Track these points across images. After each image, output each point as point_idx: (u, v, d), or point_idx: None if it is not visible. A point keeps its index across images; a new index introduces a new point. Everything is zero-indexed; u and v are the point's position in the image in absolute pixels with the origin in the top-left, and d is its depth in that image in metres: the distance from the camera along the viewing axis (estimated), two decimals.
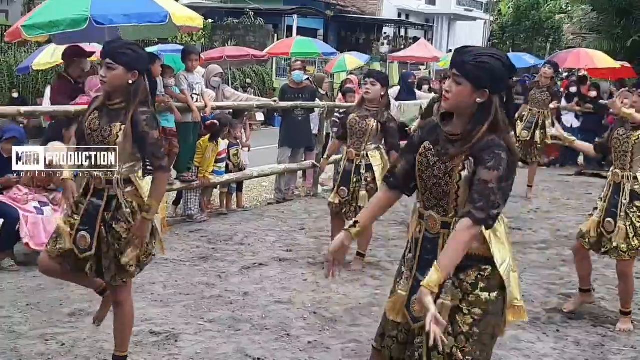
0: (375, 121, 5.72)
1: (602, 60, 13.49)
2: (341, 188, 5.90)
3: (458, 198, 2.62)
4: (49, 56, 11.10)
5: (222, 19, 27.17)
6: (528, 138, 9.13)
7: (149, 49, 10.14)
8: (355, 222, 2.83)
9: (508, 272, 2.65)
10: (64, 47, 7.75)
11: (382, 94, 5.73)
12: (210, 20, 23.92)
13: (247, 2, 27.75)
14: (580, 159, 12.40)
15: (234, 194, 8.61)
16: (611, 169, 4.85)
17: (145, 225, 3.46)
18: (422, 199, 2.75)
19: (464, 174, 2.58)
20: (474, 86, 2.54)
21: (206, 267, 5.92)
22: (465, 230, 2.48)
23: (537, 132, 9.13)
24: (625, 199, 4.67)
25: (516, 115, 9.52)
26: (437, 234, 2.68)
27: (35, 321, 4.46)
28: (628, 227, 4.64)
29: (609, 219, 4.74)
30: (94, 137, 3.52)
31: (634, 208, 4.66)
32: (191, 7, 21.35)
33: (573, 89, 12.98)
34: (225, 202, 8.34)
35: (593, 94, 12.43)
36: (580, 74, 13.95)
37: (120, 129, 3.44)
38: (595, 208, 4.89)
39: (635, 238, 4.64)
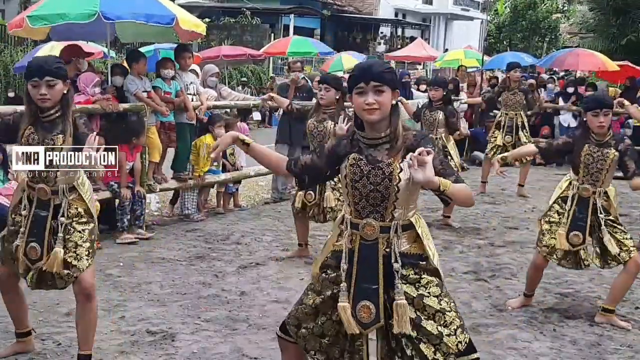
0: (332, 123, 5.81)
1: (609, 63, 13.59)
2: (308, 192, 5.95)
3: (397, 200, 2.79)
4: (46, 55, 11.06)
5: (218, 18, 27.18)
6: (512, 142, 9.16)
7: (144, 48, 10.14)
8: (249, 143, 3.05)
9: (438, 261, 2.89)
10: (60, 46, 7.73)
11: (337, 97, 5.80)
12: (206, 20, 23.90)
13: (244, 2, 27.75)
14: None
15: (233, 193, 8.59)
16: (575, 183, 4.82)
17: None
18: (355, 209, 2.87)
19: (402, 175, 2.74)
20: (392, 90, 2.79)
21: (203, 266, 5.92)
22: (467, 188, 2.79)
23: (521, 134, 9.19)
24: (601, 213, 4.71)
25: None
26: (375, 240, 2.83)
27: (31, 321, 4.44)
28: (618, 235, 4.71)
29: (576, 232, 4.76)
30: None
31: (610, 222, 4.74)
32: (188, 6, 21.34)
33: (570, 89, 12.99)
34: (222, 201, 8.34)
35: (590, 94, 12.46)
36: (578, 75, 14.00)
37: (63, 140, 3.57)
38: (550, 222, 4.88)
39: (625, 239, 4.72)
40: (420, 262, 2.82)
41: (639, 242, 6.86)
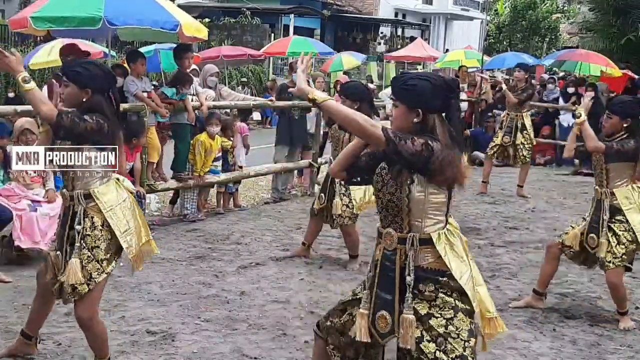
0: (346, 133, 5.71)
1: (614, 67, 13.64)
2: (320, 194, 6.07)
3: (410, 211, 2.75)
4: (46, 55, 11.08)
5: (218, 18, 27.18)
6: (510, 142, 9.20)
7: (144, 48, 10.13)
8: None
9: (470, 284, 2.77)
10: (60, 46, 7.71)
11: (355, 107, 5.73)
12: (206, 20, 23.90)
13: (244, 2, 27.76)
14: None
15: (233, 193, 8.59)
16: (594, 186, 4.93)
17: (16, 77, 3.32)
18: (380, 218, 2.89)
19: (412, 187, 2.71)
20: (407, 107, 2.73)
21: (203, 266, 5.91)
22: (368, 121, 2.66)
23: (519, 135, 9.21)
24: (606, 215, 4.73)
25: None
26: (394, 250, 2.81)
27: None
28: (611, 239, 4.69)
29: (591, 235, 4.82)
30: None
31: (616, 222, 4.72)
32: (187, 6, 21.31)
33: (570, 90, 12.99)
34: (222, 201, 8.33)
35: (590, 94, 12.44)
36: (577, 76, 14.00)
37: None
38: (584, 219, 4.96)
39: (618, 246, 4.69)
40: (441, 278, 2.73)
41: None
